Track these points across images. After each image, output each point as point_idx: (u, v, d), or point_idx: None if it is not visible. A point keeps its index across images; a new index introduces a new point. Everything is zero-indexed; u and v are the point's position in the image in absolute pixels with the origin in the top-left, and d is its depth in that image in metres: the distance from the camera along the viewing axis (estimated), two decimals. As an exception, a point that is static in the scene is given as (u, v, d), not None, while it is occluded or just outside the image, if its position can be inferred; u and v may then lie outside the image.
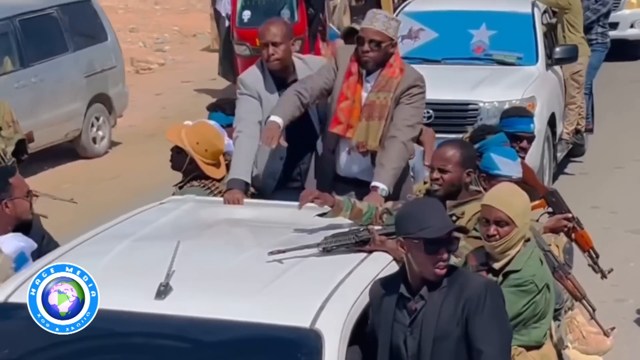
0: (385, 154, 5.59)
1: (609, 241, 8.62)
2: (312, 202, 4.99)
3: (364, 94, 5.67)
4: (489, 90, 10.09)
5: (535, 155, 9.85)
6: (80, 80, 12.81)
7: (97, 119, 12.99)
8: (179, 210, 5.17)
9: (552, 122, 10.65)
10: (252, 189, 5.74)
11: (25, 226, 5.42)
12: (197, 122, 5.92)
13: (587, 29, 12.07)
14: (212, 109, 6.51)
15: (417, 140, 6.09)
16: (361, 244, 4.48)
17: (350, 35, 8.32)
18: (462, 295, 3.94)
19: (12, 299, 4.23)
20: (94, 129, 12.94)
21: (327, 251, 4.43)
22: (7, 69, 11.85)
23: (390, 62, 5.67)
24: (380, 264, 4.36)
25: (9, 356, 4.16)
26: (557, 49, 11.13)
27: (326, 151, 5.84)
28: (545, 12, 11.61)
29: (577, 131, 11.70)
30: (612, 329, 5.46)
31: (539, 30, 11.13)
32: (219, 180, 5.69)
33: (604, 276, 5.97)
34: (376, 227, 4.64)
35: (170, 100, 13.86)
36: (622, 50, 15.65)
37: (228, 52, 14.34)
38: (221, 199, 5.53)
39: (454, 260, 4.24)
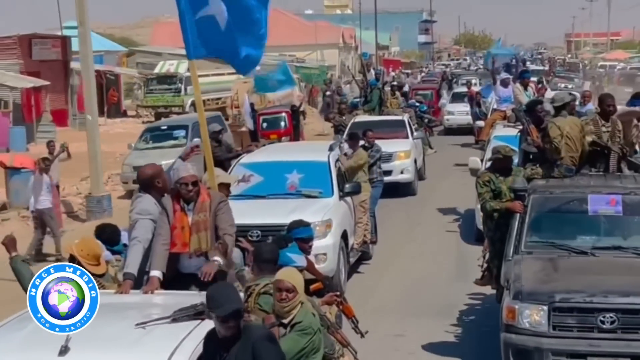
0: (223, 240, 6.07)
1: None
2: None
3: (189, 218, 6.12)
4: (300, 215, 9.45)
5: (333, 260, 10.30)
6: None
7: None
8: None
9: (345, 236, 10.93)
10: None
11: None
12: (82, 239, 6.39)
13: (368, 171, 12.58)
14: (95, 232, 6.96)
15: None
16: (198, 315, 4.86)
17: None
18: (249, 341, 4.47)
19: None
20: None
21: (175, 320, 4.81)
22: None
23: (200, 191, 6.19)
24: (210, 326, 4.69)
25: None
26: (347, 185, 11.58)
27: (171, 259, 6.22)
28: (337, 159, 11.98)
29: (364, 242, 12.05)
30: None
31: (334, 173, 11.52)
32: (100, 276, 6.05)
33: (362, 335, 6.14)
34: None
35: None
36: (397, 190, 16.87)
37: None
38: (104, 291, 5.70)
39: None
